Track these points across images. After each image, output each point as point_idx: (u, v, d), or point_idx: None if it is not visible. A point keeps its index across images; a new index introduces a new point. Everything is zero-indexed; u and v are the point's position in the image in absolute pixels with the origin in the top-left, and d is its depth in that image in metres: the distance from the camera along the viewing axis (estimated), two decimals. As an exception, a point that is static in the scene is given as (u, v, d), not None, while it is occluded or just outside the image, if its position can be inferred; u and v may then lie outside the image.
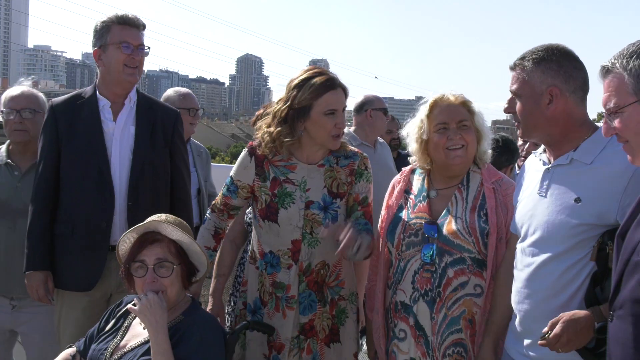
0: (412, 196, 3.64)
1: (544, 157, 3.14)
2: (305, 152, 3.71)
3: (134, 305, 3.17)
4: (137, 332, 3.29)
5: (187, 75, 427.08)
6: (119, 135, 4.24)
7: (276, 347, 3.68)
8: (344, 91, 3.66)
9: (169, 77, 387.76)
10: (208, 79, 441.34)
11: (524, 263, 3.08)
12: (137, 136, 4.25)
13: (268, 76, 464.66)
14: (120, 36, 4.19)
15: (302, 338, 3.70)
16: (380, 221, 3.75)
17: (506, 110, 3.20)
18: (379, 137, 6.42)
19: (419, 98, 3.67)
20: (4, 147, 4.65)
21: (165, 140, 4.35)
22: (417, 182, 3.67)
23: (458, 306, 3.39)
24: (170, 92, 5.91)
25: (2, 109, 4.57)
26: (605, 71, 2.50)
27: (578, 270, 2.88)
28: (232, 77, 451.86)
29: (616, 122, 2.48)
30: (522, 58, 3.07)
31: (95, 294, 4.19)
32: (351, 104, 6.19)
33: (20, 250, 4.30)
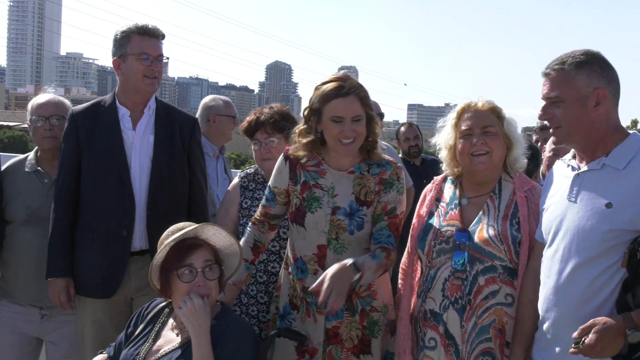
0: (443, 204, 3.62)
1: (574, 162, 3.10)
2: (332, 157, 3.71)
3: (180, 308, 3.21)
4: (169, 338, 3.30)
5: (217, 82, 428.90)
6: (139, 143, 4.27)
7: (309, 351, 3.67)
8: (361, 99, 3.58)
9: (199, 84, 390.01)
10: (237, 86, 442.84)
11: (553, 270, 3.03)
12: (155, 144, 4.28)
13: (297, 83, 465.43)
14: (140, 47, 4.21)
15: (325, 343, 3.67)
16: (411, 229, 3.72)
17: (542, 118, 3.13)
18: (381, 142, 6.30)
19: (448, 105, 3.75)
20: (32, 154, 4.67)
21: (183, 147, 4.37)
22: (449, 190, 3.66)
23: (488, 315, 3.36)
24: (211, 100, 5.91)
25: (30, 117, 4.59)
26: None
27: (609, 276, 2.84)
28: (261, 84, 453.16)
29: None
30: (562, 62, 3.02)
31: (117, 297, 4.23)
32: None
33: None
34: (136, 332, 3.40)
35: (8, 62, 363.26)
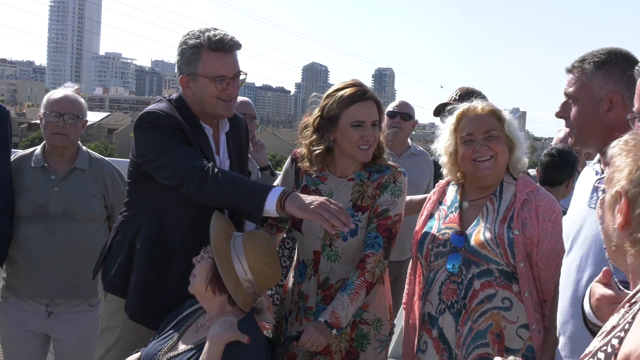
0: (444, 207, 3.57)
1: (598, 167, 2.94)
2: (337, 165, 3.65)
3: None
4: (187, 338, 3.28)
5: (254, 83, 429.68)
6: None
7: (289, 356, 3.50)
8: (377, 105, 3.56)
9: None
10: (274, 87, 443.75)
11: (570, 280, 2.90)
12: (231, 169, 3.74)
13: (333, 85, 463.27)
14: (215, 68, 3.48)
15: (319, 356, 3.52)
16: (414, 233, 3.66)
17: (558, 115, 3.01)
18: (415, 145, 6.14)
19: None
20: (38, 149, 4.56)
21: (245, 159, 4.00)
22: (451, 193, 3.60)
23: (485, 319, 3.27)
24: None
25: (44, 110, 4.44)
26: None
27: None
28: (297, 85, 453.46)
29: None
30: (582, 60, 2.86)
31: None
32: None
33: (59, 255, 4.30)
34: (167, 327, 3.39)
35: (48, 61, 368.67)
